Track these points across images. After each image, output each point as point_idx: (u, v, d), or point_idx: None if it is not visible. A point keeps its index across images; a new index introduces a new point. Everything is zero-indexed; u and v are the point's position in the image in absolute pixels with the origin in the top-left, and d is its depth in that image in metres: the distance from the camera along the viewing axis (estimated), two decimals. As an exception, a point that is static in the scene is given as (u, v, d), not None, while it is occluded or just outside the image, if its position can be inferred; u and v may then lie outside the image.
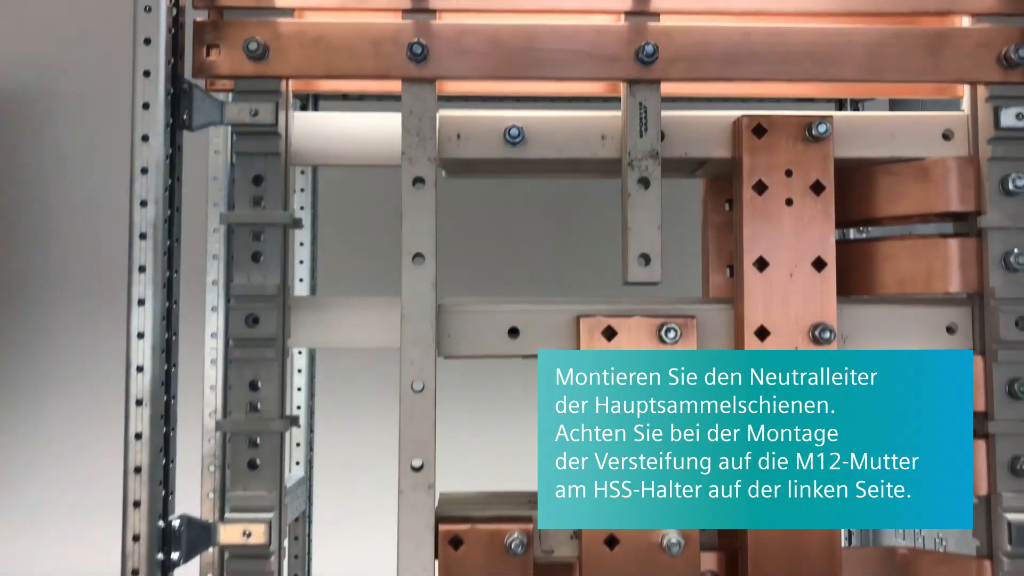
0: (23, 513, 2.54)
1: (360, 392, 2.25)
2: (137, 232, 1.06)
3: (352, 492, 2.17)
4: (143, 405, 1.05)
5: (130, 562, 1.03)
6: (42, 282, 2.52)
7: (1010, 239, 1.18)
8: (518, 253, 2.36)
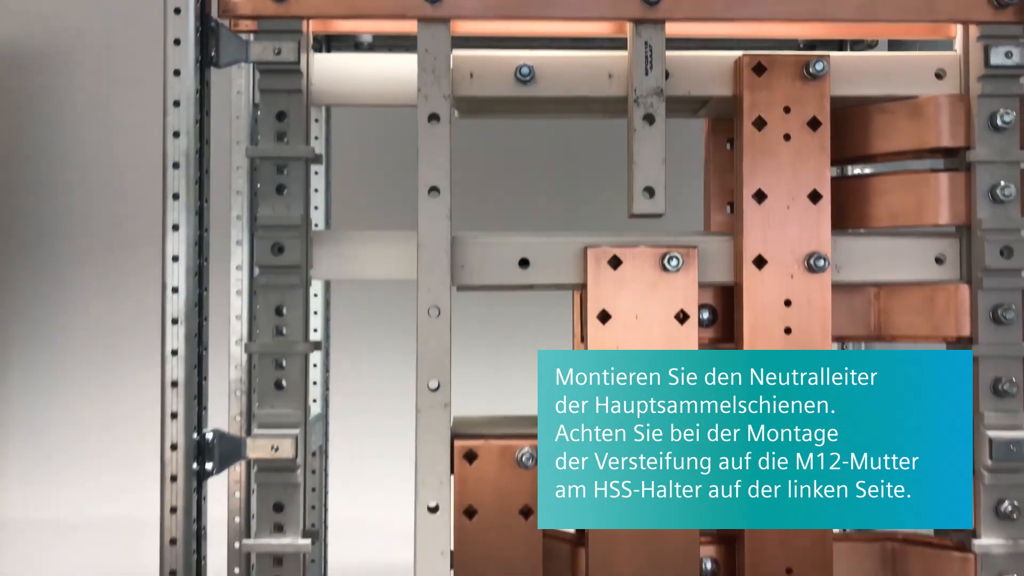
0: (48, 459, 2.64)
1: (375, 327, 2.33)
2: (171, 161, 1.13)
3: (367, 427, 2.25)
4: (179, 324, 1.12)
5: (168, 469, 1.11)
6: (61, 234, 2.59)
7: (997, 172, 1.24)
8: (527, 194, 2.42)
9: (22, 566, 2.64)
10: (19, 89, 2.56)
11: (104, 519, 2.64)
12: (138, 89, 2.45)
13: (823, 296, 1.24)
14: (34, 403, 2.62)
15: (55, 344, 2.62)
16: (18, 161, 2.56)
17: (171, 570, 1.11)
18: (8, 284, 2.59)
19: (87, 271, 2.58)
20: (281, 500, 1.22)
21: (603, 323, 1.24)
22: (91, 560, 2.64)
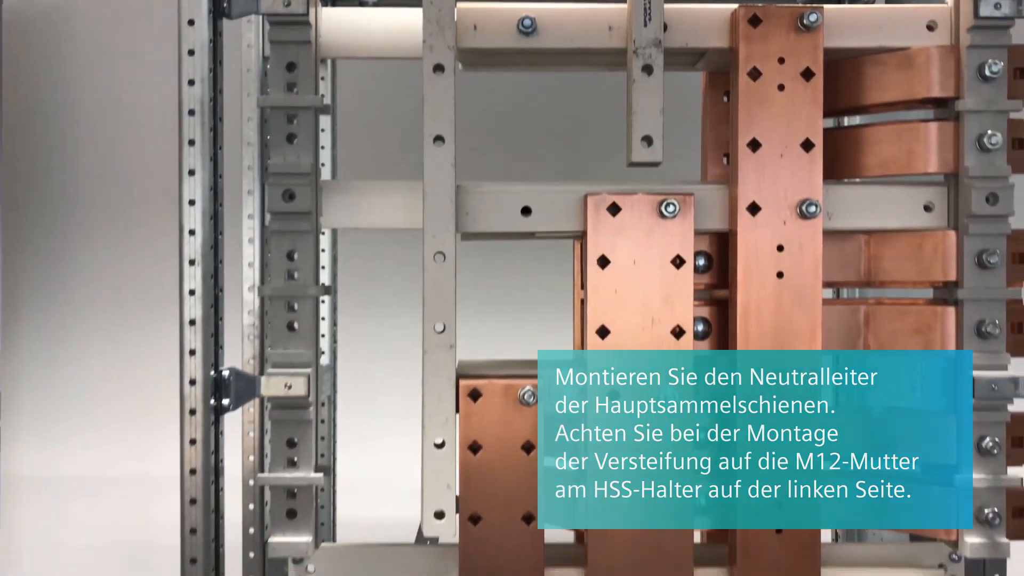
0: (61, 417, 2.71)
1: (381, 278, 2.38)
2: (186, 108, 1.17)
3: (372, 378, 2.32)
4: (195, 265, 1.17)
5: (187, 403, 1.17)
6: (67, 197, 2.64)
7: (985, 121, 1.28)
8: (530, 147, 2.47)
9: (36, 522, 2.72)
10: (32, 48, 2.60)
11: (116, 477, 2.72)
12: (147, 44, 2.50)
13: (814, 241, 1.29)
14: (45, 362, 2.68)
15: (66, 303, 2.68)
16: (30, 117, 2.61)
17: (191, 498, 1.17)
18: (17, 241, 2.64)
19: (96, 231, 2.63)
20: (294, 436, 1.27)
21: (602, 268, 1.29)
22: (105, 516, 2.72)
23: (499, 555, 1.29)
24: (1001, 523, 1.28)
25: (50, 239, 2.65)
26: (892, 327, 1.35)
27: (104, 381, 2.69)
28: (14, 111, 2.56)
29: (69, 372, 2.68)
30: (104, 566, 2.69)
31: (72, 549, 2.71)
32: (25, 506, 2.71)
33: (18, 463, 2.69)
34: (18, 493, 2.70)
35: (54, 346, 2.68)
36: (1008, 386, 1.26)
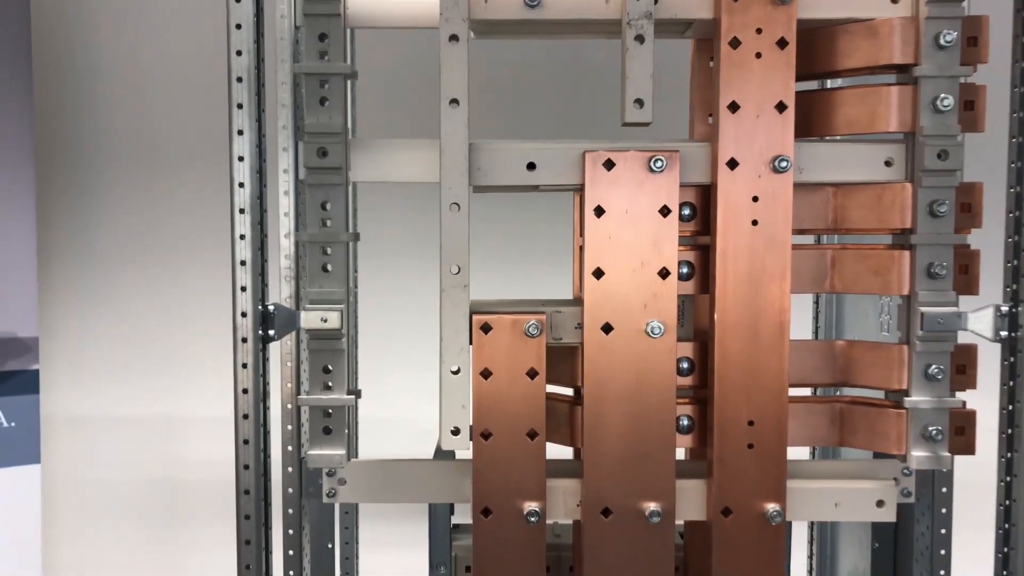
0: (91, 361, 2.90)
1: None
2: (235, 76, 1.34)
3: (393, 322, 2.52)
4: (245, 213, 1.35)
5: (239, 332, 1.36)
6: (98, 151, 2.80)
7: (939, 86, 1.44)
8: (536, 107, 2.65)
9: (72, 457, 2.92)
10: (61, 13, 2.75)
11: (145, 416, 2.92)
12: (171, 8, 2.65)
13: (785, 193, 1.46)
14: (79, 310, 2.88)
15: (98, 256, 2.86)
16: (62, 76, 2.77)
17: (244, 414, 1.36)
18: (51, 195, 2.81)
19: (125, 186, 2.81)
20: (329, 364, 1.46)
21: (598, 217, 1.46)
22: (135, 452, 2.93)
23: (507, 467, 1.49)
24: (944, 440, 1.47)
25: (81, 193, 2.83)
26: (855, 269, 1.52)
27: (133, 327, 2.88)
28: (46, 71, 2.72)
29: (101, 319, 2.88)
30: (135, 497, 2.92)
31: (105, 482, 2.93)
32: (63, 442, 2.92)
33: (55, 404, 2.90)
34: (56, 431, 2.91)
35: (87, 295, 2.88)
36: (953, 320, 1.44)
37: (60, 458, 2.94)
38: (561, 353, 1.53)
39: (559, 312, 1.51)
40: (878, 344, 1.54)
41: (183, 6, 2.70)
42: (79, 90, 2.79)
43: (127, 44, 2.76)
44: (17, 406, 2.76)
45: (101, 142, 2.80)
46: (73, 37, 2.77)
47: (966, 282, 1.48)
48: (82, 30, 2.77)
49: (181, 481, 2.94)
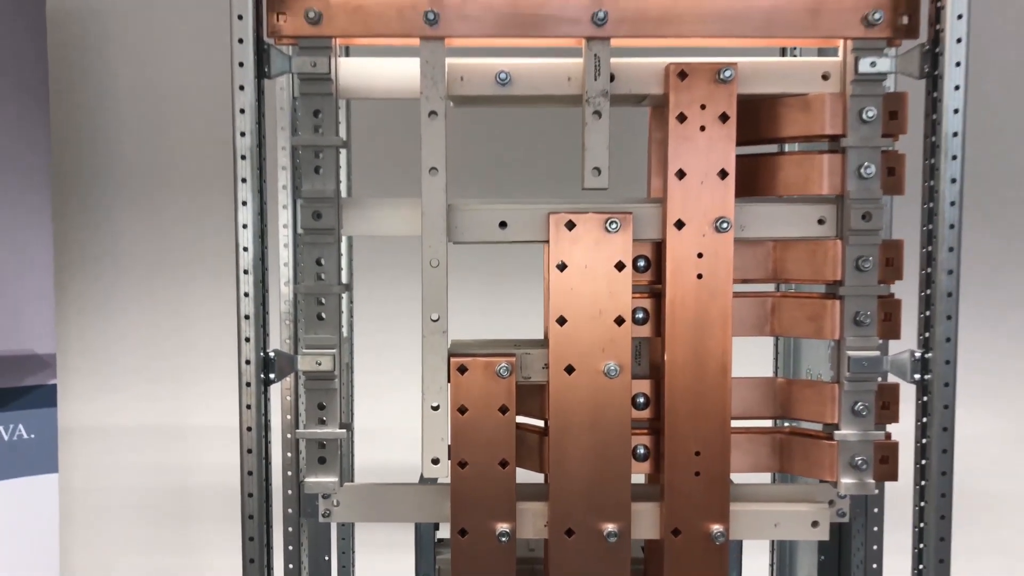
0: (106, 373, 3.09)
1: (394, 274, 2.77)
2: (239, 154, 1.52)
3: (387, 346, 2.71)
4: (248, 273, 1.54)
5: (244, 378, 1.55)
6: (112, 175, 2.99)
7: (863, 155, 1.61)
8: (510, 166, 2.86)
9: (89, 466, 3.10)
10: (80, 34, 2.92)
11: (159, 426, 3.11)
12: (184, 37, 2.83)
13: (727, 250, 1.64)
14: (96, 325, 3.06)
15: (114, 273, 3.04)
16: (78, 106, 2.95)
17: (248, 449, 1.55)
18: (68, 217, 2.99)
19: (139, 208, 2.99)
20: (323, 401, 1.65)
21: (561, 271, 1.65)
22: (149, 461, 3.11)
23: (481, 492, 1.67)
24: (869, 468, 1.65)
25: (97, 213, 3.01)
26: (792, 315, 1.71)
27: (147, 342, 3.07)
28: (62, 102, 2.91)
29: (116, 334, 3.07)
30: (149, 504, 3.11)
31: (120, 490, 3.11)
32: (79, 453, 3.11)
33: (72, 415, 3.09)
34: (73, 441, 3.10)
35: (103, 312, 3.07)
36: (875, 363, 1.62)
37: (77, 467, 3.12)
38: (531, 389, 1.72)
39: (528, 354, 1.69)
40: (813, 382, 1.72)
41: (193, 33, 2.88)
42: (94, 115, 2.98)
43: (140, 70, 2.93)
44: (36, 419, 2.95)
45: (115, 164, 2.98)
46: (88, 64, 2.95)
47: (889, 328, 1.66)
48: (97, 57, 2.95)
49: (194, 487, 3.12)
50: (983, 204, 2.86)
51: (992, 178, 2.92)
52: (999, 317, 2.98)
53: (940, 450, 1.57)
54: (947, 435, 1.57)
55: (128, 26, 2.93)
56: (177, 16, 2.91)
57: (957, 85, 1.53)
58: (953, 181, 1.54)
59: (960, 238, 1.55)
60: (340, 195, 1.66)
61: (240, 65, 1.52)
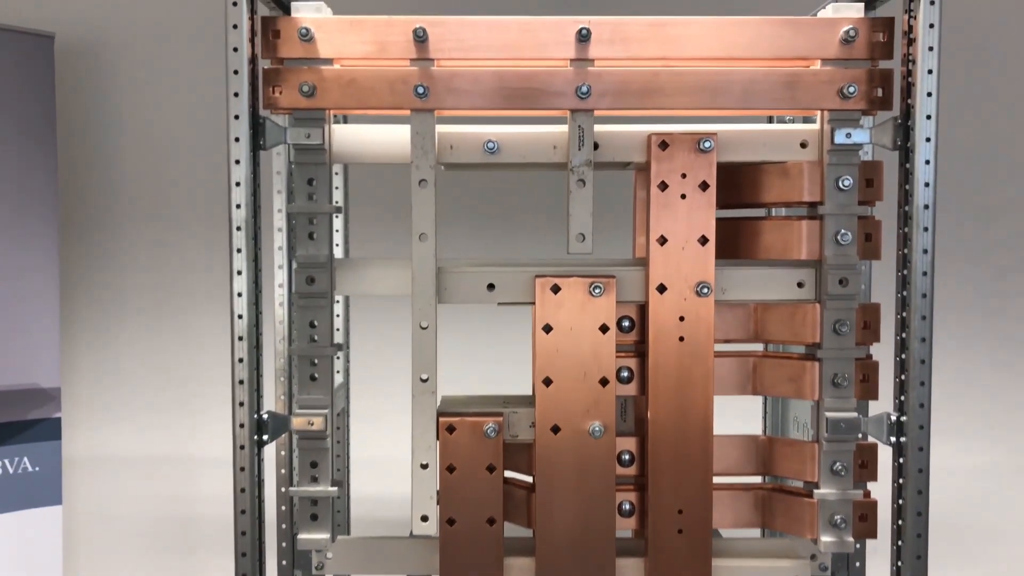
0: (111, 406, 3.14)
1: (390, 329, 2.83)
2: (235, 225, 1.58)
3: (383, 395, 2.76)
4: (243, 340, 1.59)
5: (238, 440, 1.60)
6: (117, 211, 3.05)
7: (840, 222, 1.66)
8: (501, 227, 2.94)
9: (93, 496, 3.15)
10: (86, 77, 3.00)
11: (161, 457, 3.15)
12: (189, 77, 2.90)
13: (707, 314, 1.69)
14: (100, 358, 3.12)
15: (118, 309, 3.10)
16: (84, 138, 3.03)
17: (242, 509, 1.60)
18: (74, 256, 3.06)
19: (143, 244, 3.05)
20: (316, 459, 1.70)
21: (547, 333, 1.70)
22: (151, 491, 3.15)
23: (469, 549, 1.72)
24: (848, 527, 1.69)
25: (103, 248, 3.08)
26: (773, 375, 1.75)
27: (150, 374, 3.12)
28: (69, 137, 2.98)
29: (121, 367, 3.13)
30: (151, 534, 3.15)
31: (123, 519, 3.16)
32: (83, 483, 3.16)
33: (77, 445, 3.14)
34: (78, 471, 3.15)
35: (107, 345, 3.13)
36: (853, 425, 1.67)
37: (81, 498, 3.17)
38: (518, 449, 1.77)
39: (515, 413, 1.74)
40: (794, 441, 1.77)
41: (198, 68, 2.94)
42: (99, 158, 3.05)
43: (146, 105, 3.00)
44: (40, 452, 3.01)
45: (121, 199, 3.06)
46: (95, 101, 3.03)
47: (867, 389, 1.70)
48: (102, 103, 3.04)
49: (197, 518, 3.16)
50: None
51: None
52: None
53: (915, 512, 1.61)
54: (922, 498, 1.60)
55: (135, 61, 3.01)
56: (183, 50, 2.97)
57: (928, 160, 1.57)
58: (925, 252, 1.58)
59: (932, 306, 1.59)
60: (333, 258, 1.72)
61: (236, 140, 1.58)
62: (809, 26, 1.65)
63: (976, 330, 2.99)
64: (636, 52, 1.65)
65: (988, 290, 3.00)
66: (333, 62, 1.67)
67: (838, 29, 1.64)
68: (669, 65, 1.67)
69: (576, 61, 1.66)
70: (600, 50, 1.65)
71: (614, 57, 1.66)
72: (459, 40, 1.65)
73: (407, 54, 1.66)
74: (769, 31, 1.65)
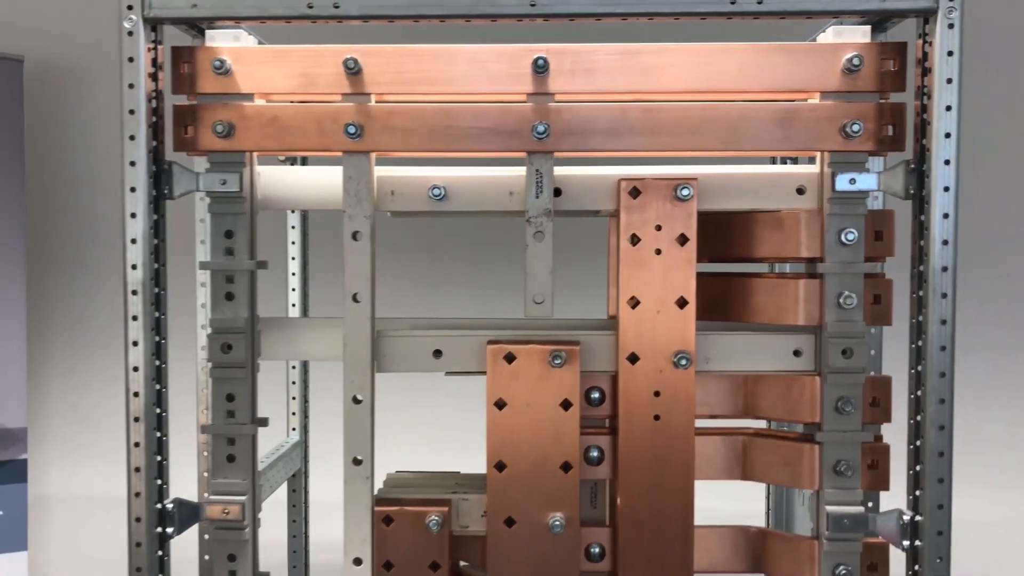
0: (81, 444, 2.99)
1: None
2: (130, 289, 1.36)
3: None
4: (140, 421, 1.37)
5: (134, 537, 1.38)
6: (86, 236, 2.92)
7: (843, 282, 1.42)
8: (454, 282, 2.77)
9: (61, 536, 3.04)
10: (53, 99, 2.88)
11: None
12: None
13: (687, 389, 1.44)
14: (69, 396, 3.02)
15: (84, 345, 2.98)
16: (52, 164, 2.92)
17: (140, 617, 1.38)
18: (46, 283, 2.94)
19: (114, 276, 2.89)
20: (234, 552, 1.48)
21: (500, 410, 1.46)
22: (119, 531, 2.98)
23: (410, 657, 1.48)
24: (857, 641, 1.43)
25: (72, 286, 2.96)
26: (765, 458, 1.50)
27: (120, 411, 2.95)
28: (38, 159, 2.86)
29: (89, 403, 3.01)
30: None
31: (92, 561, 3.01)
32: (52, 523, 3.03)
33: (45, 484, 2.99)
34: (46, 510, 3.00)
35: (76, 382, 3.02)
36: (860, 522, 1.41)
37: (51, 540, 3.04)
38: (469, 543, 1.53)
39: (465, 500, 1.51)
40: (790, 537, 1.52)
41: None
42: (69, 190, 2.92)
43: (112, 139, 2.86)
44: (5, 495, 2.86)
45: (90, 235, 2.96)
46: (63, 133, 2.92)
47: (876, 478, 1.45)
48: (71, 126, 2.92)
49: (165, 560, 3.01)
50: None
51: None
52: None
53: (934, 635, 1.35)
54: (941, 616, 1.35)
55: (104, 85, 2.88)
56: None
57: (946, 213, 1.32)
58: (943, 323, 1.33)
59: (952, 386, 1.34)
60: (256, 321, 1.49)
61: (132, 190, 1.36)
62: (806, 53, 1.41)
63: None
64: (603, 86, 1.42)
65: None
66: (253, 97, 1.45)
67: (840, 56, 1.39)
68: (642, 100, 1.43)
69: (534, 95, 1.43)
70: (561, 83, 1.42)
71: (577, 91, 1.43)
72: (399, 72, 1.43)
73: (339, 88, 1.44)
74: (759, 59, 1.41)
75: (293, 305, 2.16)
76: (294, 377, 2.23)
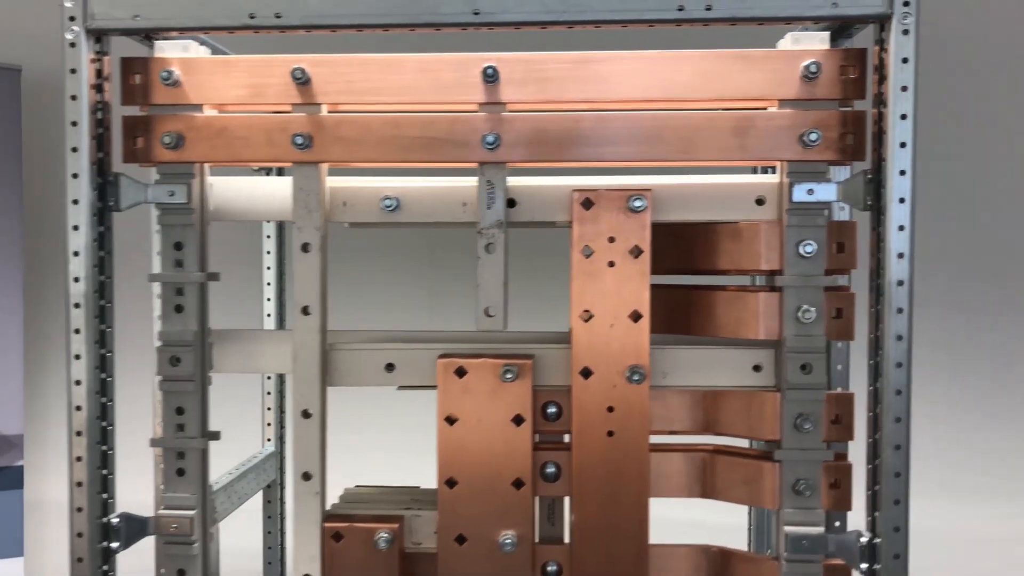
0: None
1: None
2: (72, 302, 1.35)
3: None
4: (82, 435, 1.36)
5: (76, 552, 1.36)
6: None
7: (802, 296, 1.37)
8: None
9: (56, 541, 3.03)
10: (49, 107, 2.92)
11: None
12: None
13: (641, 404, 1.41)
14: (63, 402, 3.03)
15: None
16: (51, 185, 2.93)
17: (82, 635, 1.36)
18: (43, 289, 2.96)
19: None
20: (183, 567, 1.46)
21: (450, 425, 1.43)
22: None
23: (361, 676, 1.45)
24: (817, 668, 1.38)
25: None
26: (726, 476, 1.46)
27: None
28: (36, 177, 2.87)
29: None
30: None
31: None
32: (48, 528, 3.06)
33: (42, 490, 3.00)
34: (42, 517, 3.03)
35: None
36: (819, 542, 1.36)
37: (47, 545, 3.06)
38: (421, 560, 1.50)
39: (417, 516, 1.48)
40: (751, 556, 1.47)
41: None
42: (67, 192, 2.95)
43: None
44: (1, 501, 2.89)
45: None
46: (60, 142, 2.89)
47: (838, 498, 1.40)
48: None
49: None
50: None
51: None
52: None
53: (892, 661, 1.30)
54: (900, 642, 1.30)
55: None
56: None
57: (902, 225, 1.28)
58: (899, 338, 1.28)
59: (909, 404, 1.29)
60: (208, 334, 1.48)
61: (74, 203, 1.35)
62: (763, 60, 1.37)
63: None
64: (555, 94, 1.39)
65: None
66: (203, 108, 1.44)
67: (798, 64, 1.35)
68: (596, 109, 1.40)
69: (486, 105, 1.40)
70: (512, 92, 1.39)
71: (528, 100, 1.40)
72: (347, 82, 1.41)
73: (288, 98, 1.42)
74: (715, 66, 1.37)
75: (268, 315, 2.14)
76: (269, 387, 2.22)
